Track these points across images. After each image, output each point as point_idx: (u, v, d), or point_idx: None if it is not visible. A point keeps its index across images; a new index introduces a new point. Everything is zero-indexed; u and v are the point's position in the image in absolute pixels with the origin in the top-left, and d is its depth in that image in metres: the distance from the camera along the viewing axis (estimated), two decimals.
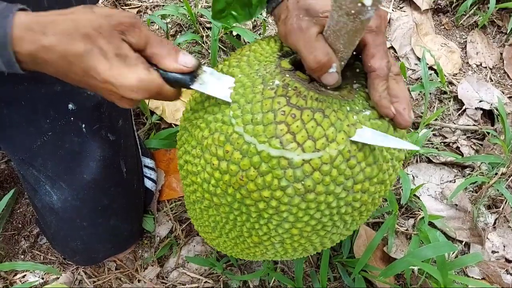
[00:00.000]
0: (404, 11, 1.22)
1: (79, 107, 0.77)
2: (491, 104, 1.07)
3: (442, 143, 1.06)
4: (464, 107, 1.09)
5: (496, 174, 0.98)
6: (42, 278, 0.92)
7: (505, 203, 0.97)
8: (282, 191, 0.50)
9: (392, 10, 1.22)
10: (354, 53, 0.55)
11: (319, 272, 0.88)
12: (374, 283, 0.90)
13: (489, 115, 1.09)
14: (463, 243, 0.95)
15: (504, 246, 0.95)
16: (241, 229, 0.58)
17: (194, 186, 0.58)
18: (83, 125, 0.77)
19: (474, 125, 1.07)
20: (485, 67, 1.16)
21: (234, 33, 1.14)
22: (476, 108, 1.08)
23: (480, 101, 1.08)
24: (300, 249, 0.61)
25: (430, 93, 1.11)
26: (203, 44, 1.15)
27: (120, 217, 0.84)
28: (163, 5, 1.22)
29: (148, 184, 0.93)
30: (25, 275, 0.93)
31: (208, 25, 1.17)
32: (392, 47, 1.19)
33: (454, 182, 1.01)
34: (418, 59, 1.16)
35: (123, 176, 0.83)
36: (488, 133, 1.05)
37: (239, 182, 0.51)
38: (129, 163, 0.85)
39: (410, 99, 1.11)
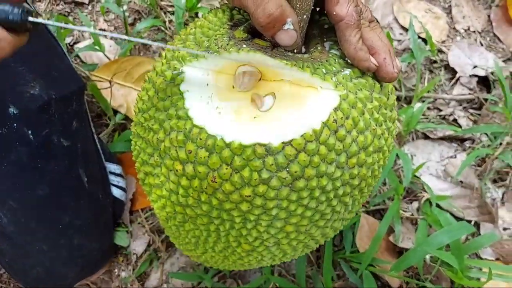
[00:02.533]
0: None
1: (22, 110, 0.64)
2: (486, 70, 0.99)
3: (438, 116, 0.98)
4: (457, 76, 1.00)
5: (500, 144, 0.90)
6: None
7: None
8: (265, 185, 0.41)
9: None
10: (318, 9, 0.47)
11: (321, 272, 0.78)
12: (382, 277, 0.80)
13: (484, 82, 1.01)
14: (472, 223, 0.87)
15: None
16: (227, 239, 0.48)
17: (161, 201, 0.48)
18: (30, 132, 0.65)
19: (469, 93, 0.99)
20: (474, 31, 1.08)
21: (200, 15, 1.02)
22: (470, 76, 1.00)
23: (474, 67, 1.00)
24: (300, 247, 0.52)
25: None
26: (166, 30, 1.02)
27: (86, 235, 0.72)
28: None
29: (117, 193, 0.81)
30: None
31: (170, 9, 1.05)
32: None
33: (455, 157, 0.93)
34: (403, 28, 1.07)
35: (85, 187, 0.71)
36: (486, 100, 0.97)
37: (212, 185, 0.41)
38: (91, 171, 0.73)
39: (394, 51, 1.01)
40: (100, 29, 1.05)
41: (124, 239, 0.81)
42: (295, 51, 0.45)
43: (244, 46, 0.43)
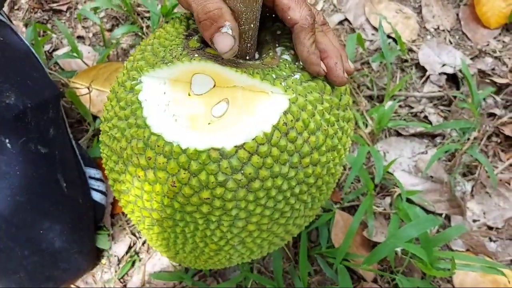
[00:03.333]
0: None
1: None
2: (455, 67, 1.03)
3: (410, 114, 1.01)
4: (427, 74, 1.04)
5: (468, 139, 0.93)
6: None
7: (480, 168, 0.93)
8: (222, 187, 0.43)
9: None
10: (273, 15, 0.49)
11: (298, 268, 0.81)
12: (357, 271, 0.83)
13: (453, 79, 1.05)
14: (443, 216, 0.90)
15: (484, 213, 0.91)
16: (194, 240, 0.50)
17: (129, 206, 0.50)
18: (7, 140, 0.66)
19: (439, 91, 1.03)
20: (443, 30, 1.12)
21: None
22: (439, 74, 1.03)
23: (443, 65, 1.04)
24: (266, 244, 0.54)
25: (391, 63, 1.05)
26: (143, 36, 1.04)
27: (66, 239, 0.74)
28: None
29: (97, 197, 0.83)
30: None
31: (146, 15, 1.07)
32: (346, 19, 1.12)
33: (426, 153, 0.97)
34: (374, 28, 1.11)
35: (64, 192, 0.73)
36: (455, 97, 1.01)
37: (172, 189, 0.44)
38: (69, 176, 0.75)
39: (343, 52, 1.05)
40: (78, 36, 1.07)
41: (105, 242, 0.83)
42: (248, 57, 0.47)
43: (196, 55, 0.45)
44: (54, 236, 0.72)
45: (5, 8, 1.08)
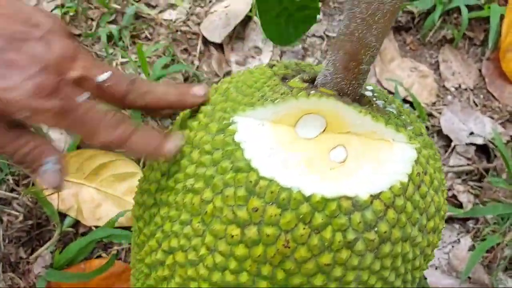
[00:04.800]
0: None
1: None
2: (484, 137, 0.89)
3: None
4: (452, 145, 0.90)
5: (509, 230, 0.78)
6: None
7: None
8: (349, 250, 0.35)
9: None
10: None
11: None
12: None
13: (482, 149, 0.91)
14: None
15: None
16: None
17: (191, 284, 0.38)
18: None
19: (468, 164, 0.88)
20: (465, 89, 0.98)
21: None
22: (467, 144, 0.89)
23: (471, 134, 0.90)
24: None
25: None
26: None
27: None
28: None
29: None
30: None
31: None
32: None
33: (459, 242, 0.81)
34: (388, 91, 0.97)
35: None
36: (487, 171, 0.86)
37: (283, 251, 0.34)
38: None
39: None
40: None
41: None
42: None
43: (312, 91, 0.37)
44: None
45: None
